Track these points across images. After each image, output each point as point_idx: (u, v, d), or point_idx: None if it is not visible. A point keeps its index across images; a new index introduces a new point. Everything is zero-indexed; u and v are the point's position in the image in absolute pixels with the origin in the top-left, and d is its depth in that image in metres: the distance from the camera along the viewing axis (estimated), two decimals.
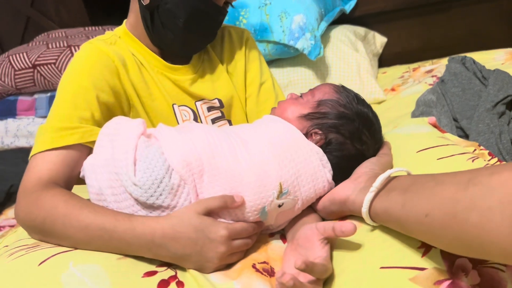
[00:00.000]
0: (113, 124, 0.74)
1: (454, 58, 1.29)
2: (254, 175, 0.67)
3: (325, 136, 0.74)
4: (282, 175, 0.68)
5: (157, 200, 0.64)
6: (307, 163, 0.70)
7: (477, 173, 0.50)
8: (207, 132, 0.71)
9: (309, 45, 1.47)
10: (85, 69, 0.81)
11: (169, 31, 0.84)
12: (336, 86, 0.80)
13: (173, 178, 0.65)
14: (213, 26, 0.90)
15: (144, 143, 0.68)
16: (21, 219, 0.70)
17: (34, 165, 0.74)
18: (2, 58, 1.82)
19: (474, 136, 1.02)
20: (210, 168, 0.67)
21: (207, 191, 0.67)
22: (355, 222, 0.66)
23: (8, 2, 2.20)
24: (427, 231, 0.52)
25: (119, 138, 0.69)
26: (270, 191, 0.67)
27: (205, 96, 0.92)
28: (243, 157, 0.68)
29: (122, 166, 0.65)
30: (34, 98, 1.83)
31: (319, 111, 0.76)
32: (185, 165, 0.66)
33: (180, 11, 0.82)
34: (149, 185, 0.64)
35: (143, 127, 0.71)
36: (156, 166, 0.65)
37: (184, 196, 0.66)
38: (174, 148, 0.68)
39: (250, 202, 0.67)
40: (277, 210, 0.69)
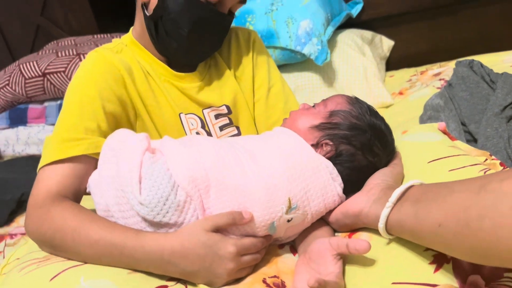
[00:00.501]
0: (116, 138, 0.73)
1: (462, 62, 1.28)
2: (263, 190, 0.66)
3: (336, 147, 0.73)
4: (291, 190, 0.67)
5: (163, 217, 0.64)
6: (316, 178, 0.69)
7: (487, 180, 0.50)
8: (213, 146, 0.71)
9: (316, 50, 1.47)
10: (90, 79, 0.80)
11: (174, 40, 0.84)
12: (349, 97, 0.79)
13: (179, 194, 0.65)
14: (218, 34, 0.89)
15: (149, 159, 0.67)
16: (32, 233, 0.71)
17: (43, 177, 0.74)
18: (13, 67, 1.84)
19: (482, 140, 1.01)
20: (217, 184, 0.66)
21: (214, 206, 0.66)
22: (369, 234, 0.67)
23: (19, 11, 2.23)
24: (441, 241, 0.52)
25: (123, 154, 0.68)
26: (279, 206, 0.66)
27: (212, 103, 0.92)
28: (251, 171, 0.68)
29: (128, 185, 0.65)
30: (44, 106, 1.85)
31: (331, 121, 0.75)
32: (191, 181, 0.65)
33: (183, 21, 0.82)
34: (155, 203, 0.63)
35: (147, 142, 0.70)
36: (162, 184, 0.64)
37: (191, 212, 0.65)
38: (179, 164, 0.67)
39: (259, 218, 0.66)
40: (286, 225, 0.69)
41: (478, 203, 0.48)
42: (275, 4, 1.61)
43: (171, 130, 0.87)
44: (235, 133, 0.94)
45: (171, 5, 0.80)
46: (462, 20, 1.80)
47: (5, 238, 1.25)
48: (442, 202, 0.53)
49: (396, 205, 0.59)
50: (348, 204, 0.70)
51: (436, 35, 1.84)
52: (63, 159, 0.73)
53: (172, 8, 0.81)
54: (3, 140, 1.87)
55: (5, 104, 1.87)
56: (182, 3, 0.80)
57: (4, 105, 1.87)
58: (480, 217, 0.47)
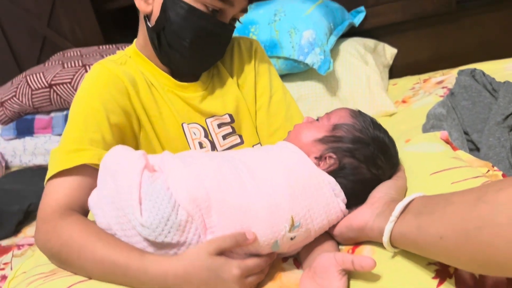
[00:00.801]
0: (112, 156, 0.71)
1: (464, 71, 1.29)
2: (265, 210, 0.66)
3: (340, 160, 0.73)
4: (294, 208, 0.67)
5: (165, 238, 0.63)
6: (319, 195, 0.69)
7: (485, 191, 0.51)
8: (214, 164, 0.70)
9: (319, 60, 1.49)
10: (95, 91, 0.81)
11: (176, 51, 0.85)
12: (352, 110, 0.79)
13: (180, 214, 0.64)
14: (220, 44, 0.90)
15: (148, 179, 0.66)
16: (40, 246, 0.72)
17: (50, 191, 0.75)
18: (20, 79, 1.87)
19: (485, 150, 1.02)
20: (218, 204, 0.65)
21: (217, 226, 0.65)
22: (372, 248, 0.67)
23: (26, 23, 2.26)
24: (443, 252, 0.53)
25: (121, 175, 0.67)
26: (282, 225, 0.66)
27: (215, 112, 0.93)
28: (253, 190, 0.67)
29: (128, 206, 0.64)
30: (50, 117, 1.87)
31: (334, 134, 0.75)
32: (191, 201, 0.64)
33: (185, 32, 0.82)
34: (156, 224, 0.63)
35: (145, 160, 0.69)
36: (162, 204, 0.64)
37: (193, 231, 0.65)
38: (179, 183, 0.66)
39: (262, 237, 0.66)
40: (290, 242, 0.68)
41: (475, 215, 0.49)
42: (278, 15, 1.62)
43: (174, 141, 0.88)
44: (238, 142, 0.94)
45: (172, 16, 0.82)
46: (464, 28, 1.81)
47: (12, 249, 1.26)
48: (442, 214, 0.53)
49: (399, 218, 0.60)
50: (352, 218, 0.70)
51: (439, 43, 1.86)
52: (69, 171, 0.74)
53: (174, 19, 0.82)
54: (10, 150, 1.89)
55: (12, 115, 1.89)
56: (184, 14, 0.81)
57: (11, 116, 1.90)
58: (478, 228, 0.48)
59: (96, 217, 0.70)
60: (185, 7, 0.81)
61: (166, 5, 0.81)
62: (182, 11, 0.81)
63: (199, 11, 0.81)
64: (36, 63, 2.28)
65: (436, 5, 1.76)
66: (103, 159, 0.71)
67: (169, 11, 0.81)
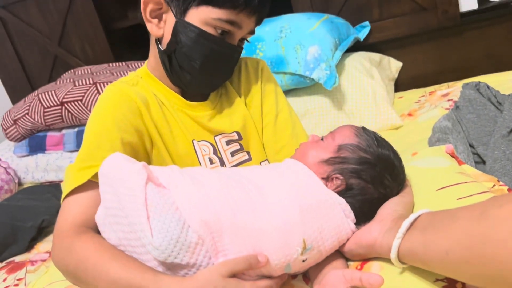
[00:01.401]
0: (111, 168, 0.70)
1: (468, 84, 1.30)
2: (277, 233, 0.66)
3: (346, 181, 0.74)
4: (305, 231, 0.67)
5: (175, 259, 0.63)
6: (330, 217, 0.70)
7: (487, 206, 0.52)
8: (223, 184, 0.70)
9: (325, 75, 1.51)
10: (108, 111, 0.84)
11: (187, 73, 0.88)
12: (356, 128, 0.80)
13: (190, 236, 0.64)
14: (229, 65, 0.93)
15: (155, 195, 0.65)
16: (56, 263, 0.74)
17: (66, 208, 0.77)
18: (32, 97, 1.91)
19: (490, 163, 1.02)
20: (231, 227, 0.65)
21: (230, 249, 0.66)
22: (380, 264, 0.68)
23: (37, 43, 2.31)
24: (450, 268, 0.54)
25: (124, 190, 0.66)
26: (294, 248, 0.66)
27: (223, 130, 0.95)
28: (265, 213, 0.67)
29: (137, 224, 0.64)
30: (62, 134, 1.90)
31: (339, 155, 0.76)
32: (203, 225, 0.64)
33: (195, 54, 0.85)
34: (165, 245, 0.62)
35: (146, 172, 0.68)
36: (171, 226, 0.63)
37: (203, 253, 0.65)
38: (189, 204, 0.66)
39: (274, 261, 0.66)
40: (301, 264, 0.69)
41: (479, 230, 0.50)
42: (284, 32, 1.65)
43: (185, 157, 0.91)
44: (246, 158, 0.97)
45: (184, 39, 0.84)
46: (469, 41, 1.82)
47: (26, 265, 1.28)
48: (447, 230, 0.55)
49: (406, 235, 0.61)
50: (361, 235, 0.71)
51: (444, 55, 1.86)
52: (83, 188, 0.76)
53: (185, 43, 0.85)
54: (23, 167, 1.93)
55: (25, 132, 1.93)
56: (194, 37, 0.84)
57: (24, 133, 1.94)
58: (482, 243, 0.49)
59: (104, 234, 0.71)
60: (195, 30, 0.83)
61: (177, 29, 0.84)
62: (192, 34, 0.84)
63: (208, 34, 0.84)
64: (48, 82, 2.33)
65: (440, 19, 1.78)
66: (102, 168, 0.71)
67: (180, 34, 0.84)
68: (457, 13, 1.76)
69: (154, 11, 0.87)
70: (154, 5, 0.86)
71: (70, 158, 1.85)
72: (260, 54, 1.65)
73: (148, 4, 0.86)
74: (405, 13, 1.83)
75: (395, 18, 1.85)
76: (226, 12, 0.82)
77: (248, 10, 0.83)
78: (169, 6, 0.85)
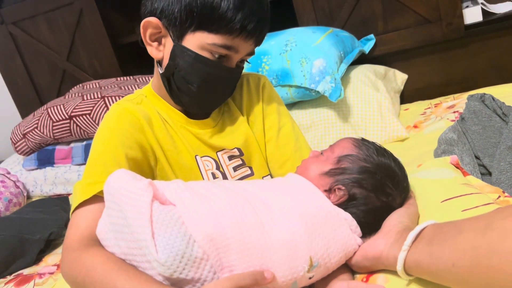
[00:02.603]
0: (116, 184, 0.70)
1: (473, 96, 1.31)
2: (284, 251, 0.66)
3: (348, 191, 0.74)
4: (312, 248, 0.67)
5: (180, 274, 0.63)
6: (336, 234, 0.70)
7: (492, 218, 0.52)
8: (229, 199, 0.70)
9: (330, 87, 1.52)
10: (113, 129, 0.87)
11: (185, 94, 0.90)
12: (355, 140, 0.81)
13: (195, 251, 0.64)
14: (228, 86, 0.94)
15: (160, 212, 0.65)
16: (65, 275, 0.75)
17: (75, 222, 0.79)
18: (41, 111, 1.93)
19: (496, 174, 1.02)
20: (237, 245, 0.65)
21: (237, 266, 0.66)
22: (385, 276, 0.68)
23: (46, 58, 2.36)
24: (456, 279, 0.54)
25: (129, 207, 0.67)
26: (301, 266, 0.66)
27: (225, 146, 0.96)
28: (271, 230, 0.67)
29: (141, 240, 0.64)
30: (70, 147, 1.92)
31: (339, 166, 0.77)
32: (209, 240, 0.64)
33: (193, 78, 0.87)
34: (171, 261, 0.62)
35: (152, 191, 0.68)
36: (176, 241, 0.63)
37: (208, 268, 0.65)
38: (195, 219, 0.66)
39: (281, 278, 0.66)
40: (308, 281, 0.69)
41: (484, 242, 0.51)
42: (289, 45, 1.67)
43: (188, 172, 0.92)
44: (248, 173, 0.98)
45: (181, 63, 0.86)
46: (474, 52, 1.82)
47: (34, 278, 1.28)
48: (453, 242, 0.55)
49: (411, 247, 0.62)
50: (367, 248, 0.71)
51: (449, 67, 1.87)
52: (90, 202, 0.78)
53: (182, 66, 0.86)
54: (31, 180, 1.95)
55: (34, 146, 1.96)
56: (191, 61, 0.85)
57: (32, 147, 1.96)
58: (487, 255, 0.50)
59: (108, 249, 0.71)
60: (192, 55, 0.84)
61: (174, 53, 0.86)
62: (189, 59, 0.85)
63: (205, 59, 0.85)
64: (57, 96, 2.37)
65: (445, 31, 1.79)
66: (106, 184, 0.72)
67: (178, 58, 0.86)
68: (461, 25, 1.77)
69: (154, 35, 0.88)
70: (153, 29, 0.87)
71: (78, 172, 1.87)
72: (265, 68, 1.67)
73: (148, 29, 0.87)
74: (410, 25, 1.84)
75: (400, 30, 1.86)
76: (221, 38, 0.82)
77: (244, 35, 0.83)
78: (167, 31, 0.86)
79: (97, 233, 0.74)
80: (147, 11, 0.88)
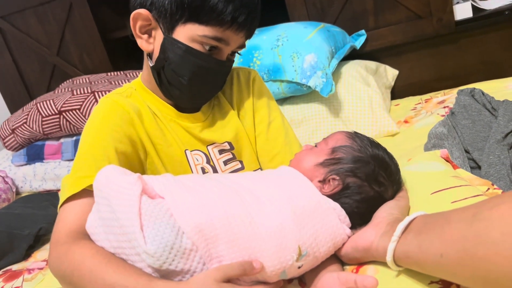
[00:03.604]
0: (105, 178, 0.71)
1: (463, 91, 1.32)
2: (273, 241, 0.66)
3: (343, 180, 0.75)
4: (300, 237, 0.67)
5: (170, 266, 0.63)
6: (325, 223, 0.70)
7: (480, 208, 0.53)
8: (218, 191, 0.70)
9: (321, 82, 1.52)
10: (102, 122, 0.86)
11: (176, 88, 0.89)
12: (348, 133, 0.82)
13: (184, 242, 0.64)
14: (218, 79, 0.93)
15: (149, 205, 0.66)
16: (53, 269, 0.74)
17: (63, 216, 0.78)
18: (30, 106, 1.91)
19: (485, 167, 1.03)
20: (226, 235, 0.65)
21: (226, 256, 0.66)
22: (375, 267, 0.69)
23: (36, 53, 2.33)
24: (444, 270, 0.55)
25: (118, 201, 0.67)
26: (289, 255, 0.66)
27: (215, 140, 0.96)
28: (260, 220, 0.67)
29: (130, 233, 0.64)
30: (60, 143, 1.91)
31: (334, 157, 0.77)
32: (197, 231, 0.65)
33: (183, 71, 0.86)
34: (160, 252, 0.62)
35: (141, 184, 0.68)
36: (165, 233, 0.63)
37: (197, 259, 0.65)
38: (183, 211, 0.66)
39: (270, 267, 0.66)
40: (297, 271, 0.69)
41: (472, 232, 0.51)
42: (281, 40, 1.67)
43: (178, 167, 0.92)
44: (239, 167, 0.98)
45: (171, 56, 0.85)
46: (465, 48, 1.83)
47: (23, 273, 1.27)
48: (441, 233, 0.55)
49: (401, 238, 0.62)
50: (357, 239, 0.71)
51: (439, 63, 1.88)
52: (78, 197, 0.78)
53: (173, 59, 0.85)
54: (21, 176, 1.93)
55: (23, 141, 1.94)
56: (181, 54, 0.84)
57: (22, 142, 1.94)
58: (475, 245, 0.50)
59: (98, 243, 0.71)
60: (182, 47, 0.84)
61: (165, 46, 0.85)
62: (179, 51, 0.84)
63: (195, 51, 0.84)
64: (46, 91, 2.34)
65: (435, 27, 1.80)
66: (95, 180, 0.72)
67: (168, 51, 0.85)
68: (452, 21, 1.77)
69: (144, 27, 0.87)
70: (143, 21, 0.86)
71: (68, 167, 1.86)
72: (257, 63, 1.66)
73: (138, 21, 0.86)
74: (401, 21, 1.85)
75: (391, 26, 1.86)
76: (212, 29, 0.82)
77: (235, 27, 0.83)
78: (157, 23, 0.85)
79: (87, 228, 0.73)
80: (137, 3, 0.87)
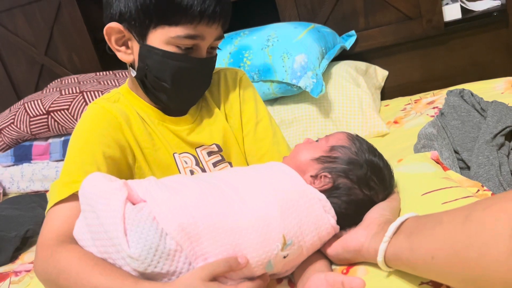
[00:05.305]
0: (91, 185, 0.71)
1: (452, 91, 1.32)
2: (256, 231, 0.66)
3: (334, 180, 0.75)
4: (285, 226, 0.67)
5: (155, 268, 0.63)
6: (309, 212, 0.70)
7: (471, 210, 0.52)
8: (199, 189, 0.71)
9: (311, 83, 1.52)
10: (90, 127, 0.86)
11: (162, 93, 0.89)
12: (350, 134, 0.82)
13: (168, 243, 0.64)
14: (203, 77, 0.93)
15: (132, 211, 0.66)
16: (39, 273, 0.74)
17: (50, 219, 0.78)
18: (18, 106, 1.89)
19: (475, 168, 1.04)
20: (208, 230, 0.66)
21: (210, 252, 0.66)
22: (366, 268, 0.69)
23: (24, 52, 2.30)
24: (435, 272, 0.54)
25: (103, 208, 0.67)
26: (274, 244, 0.67)
27: (203, 142, 0.96)
28: (242, 212, 0.68)
29: (114, 238, 0.65)
30: (48, 143, 1.88)
31: (330, 155, 0.78)
32: (180, 230, 0.65)
33: (164, 75, 0.85)
34: (144, 255, 0.63)
35: (126, 191, 0.69)
36: (149, 235, 0.64)
37: (182, 260, 0.65)
38: (166, 212, 0.66)
39: (255, 258, 0.66)
40: (283, 261, 0.69)
41: (464, 234, 0.51)
42: (271, 40, 1.66)
43: (166, 170, 0.92)
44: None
45: (150, 63, 0.85)
46: (454, 49, 1.85)
47: (10, 276, 1.26)
48: (433, 234, 0.55)
49: (392, 239, 0.62)
50: (348, 239, 0.71)
51: (429, 64, 1.89)
52: (66, 201, 0.78)
53: (152, 66, 0.85)
54: (8, 177, 1.90)
55: (10, 142, 1.91)
56: (159, 59, 0.84)
57: (9, 143, 1.92)
58: (466, 247, 0.50)
59: (86, 248, 0.71)
60: (159, 52, 0.83)
61: (142, 54, 0.85)
62: (157, 57, 0.84)
63: (172, 53, 0.84)
64: (34, 91, 2.31)
65: (425, 28, 1.81)
66: (81, 188, 0.72)
67: (146, 59, 0.85)
68: (441, 22, 1.79)
69: (119, 40, 0.87)
70: (116, 34, 0.86)
71: (56, 168, 1.83)
72: (247, 63, 1.66)
73: (111, 35, 0.86)
74: (391, 22, 1.86)
75: (381, 27, 1.87)
76: (183, 28, 0.81)
77: (205, 20, 0.81)
78: (130, 33, 0.85)
79: (74, 235, 0.73)
80: (107, 19, 0.86)
